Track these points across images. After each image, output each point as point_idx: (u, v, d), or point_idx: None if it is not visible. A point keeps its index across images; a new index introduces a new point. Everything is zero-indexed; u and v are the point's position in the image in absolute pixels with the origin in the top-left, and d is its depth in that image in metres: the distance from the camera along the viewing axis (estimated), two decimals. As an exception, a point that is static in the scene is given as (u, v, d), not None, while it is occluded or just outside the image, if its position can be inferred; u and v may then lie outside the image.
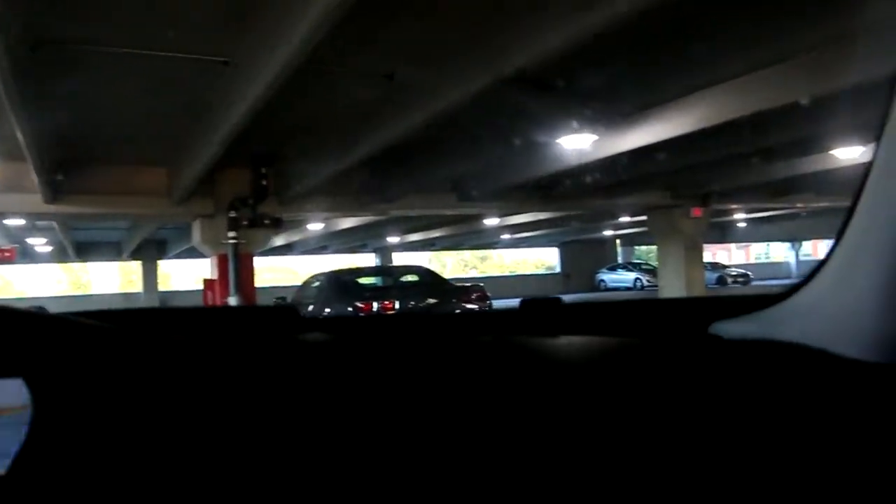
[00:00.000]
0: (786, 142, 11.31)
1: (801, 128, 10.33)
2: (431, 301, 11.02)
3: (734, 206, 20.50)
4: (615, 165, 11.59)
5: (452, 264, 41.69)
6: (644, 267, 32.48)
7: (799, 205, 20.58)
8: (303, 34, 5.21)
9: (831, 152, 12.80)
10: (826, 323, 0.87)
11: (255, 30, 6.17)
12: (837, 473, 0.66)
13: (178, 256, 27.41)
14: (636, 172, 13.12)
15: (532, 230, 25.77)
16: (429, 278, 13.23)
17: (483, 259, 42.75)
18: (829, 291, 0.88)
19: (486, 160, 11.76)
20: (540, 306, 1.26)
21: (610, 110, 8.40)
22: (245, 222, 13.31)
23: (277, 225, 13.80)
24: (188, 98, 8.48)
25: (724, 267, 33.54)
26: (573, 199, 15.69)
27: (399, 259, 32.20)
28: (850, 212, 0.84)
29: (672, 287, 17.35)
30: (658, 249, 19.54)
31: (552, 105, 8.38)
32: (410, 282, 13.42)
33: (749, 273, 31.93)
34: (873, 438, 0.69)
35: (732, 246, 42.72)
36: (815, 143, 11.91)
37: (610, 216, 22.38)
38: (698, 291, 17.35)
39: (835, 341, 0.83)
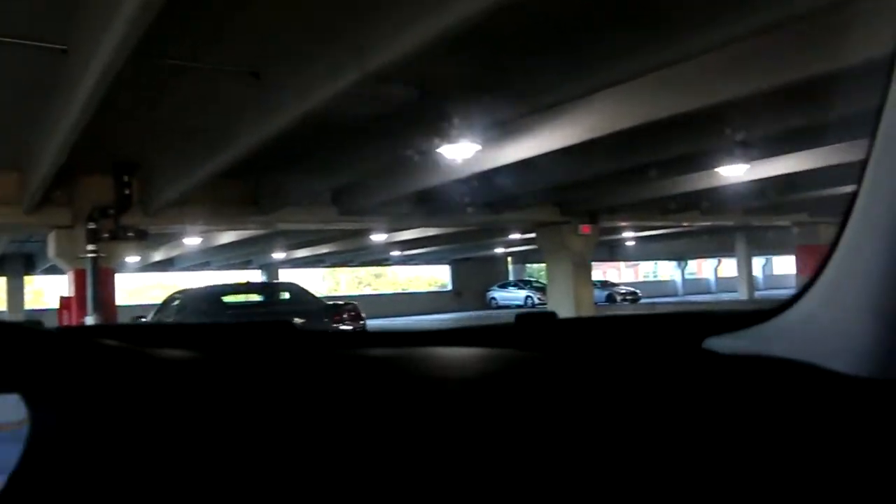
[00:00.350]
0: (672, 157, 11.16)
1: (688, 142, 10.20)
2: (300, 320, 10.45)
3: (623, 224, 20.55)
4: (500, 178, 11.19)
5: (346, 281, 40.96)
6: (535, 284, 32.50)
7: (685, 223, 20.80)
8: (128, 15, 4.55)
9: (717, 170, 12.78)
10: (818, 338, 0.88)
11: (86, 11, 5.47)
12: (830, 489, 0.67)
13: (48, 272, 25.72)
14: (523, 186, 12.79)
15: (422, 246, 25.32)
16: (301, 296, 12.75)
17: (377, 276, 42.15)
18: (820, 307, 0.89)
19: (364, 171, 11.17)
20: (535, 321, 1.28)
21: (489, 117, 7.93)
22: (106, 234, 12.31)
23: (142, 237, 12.83)
24: (30, 91, 7.66)
25: (614, 285, 34.05)
26: (458, 214, 15.25)
27: (286, 276, 31.17)
28: (842, 227, 0.84)
29: (561, 305, 17.12)
30: (547, 267, 19.38)
31: (428, 111, 7.88)
32: (280, 300, 12.95)
33: (638, 291, 32.45)
34: (866, 454, 0.70)
35: (622, 264, 43.41)
36: (703, 159, 11.84)
37: (500, 233, 22.13)
38: (587, 310, 17.25)
39: (827, 357, 0.84)
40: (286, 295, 13.08)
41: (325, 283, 37.88)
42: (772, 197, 17.01)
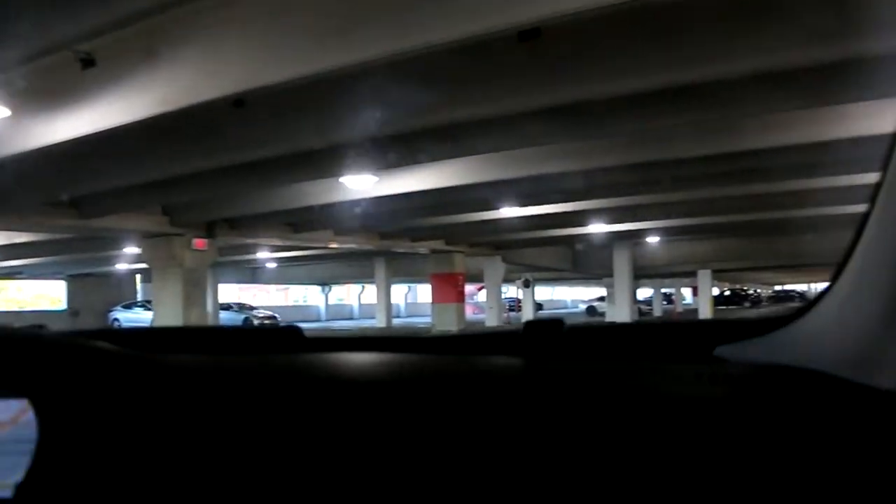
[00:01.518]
0: (289, 157, 9.53)
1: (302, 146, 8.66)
2: None
3: (252, 241, 18.62)
4: (64, 166, 8.74)
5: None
6: (164, 306, 29.47)
7: (320, 245, 19.51)
8: None
9: (342, 180, 11.44)
10: (831, 347, 0.88)
11: None
12: (837, 498, 0.68)
13: None
14: (108, 180, 10.40)
15: (30, 257, 21.48)
16: None
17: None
18: (834, 316, 0.90)
19: None
20: (543, 328, 1.28)
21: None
22: None
23: None
24: None
25: (252, 308, 32.35)
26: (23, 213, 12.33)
27: None
28: (857, 236, 0.86)
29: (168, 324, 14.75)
30: (154, 285, 16.80)
31: None
32: None
33: (277, 315, 30.91)
34: (878, 464, 0.70)
35: (273, 287, 42.58)
36: (328, 167, 10.43)
37: (115, 244, 19.15)
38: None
39: (838, 366, 0.84)
40: None
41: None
42: (401, 219, 16.28)
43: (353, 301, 45.16)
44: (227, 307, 31.12)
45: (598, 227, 19.03)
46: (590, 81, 6.57)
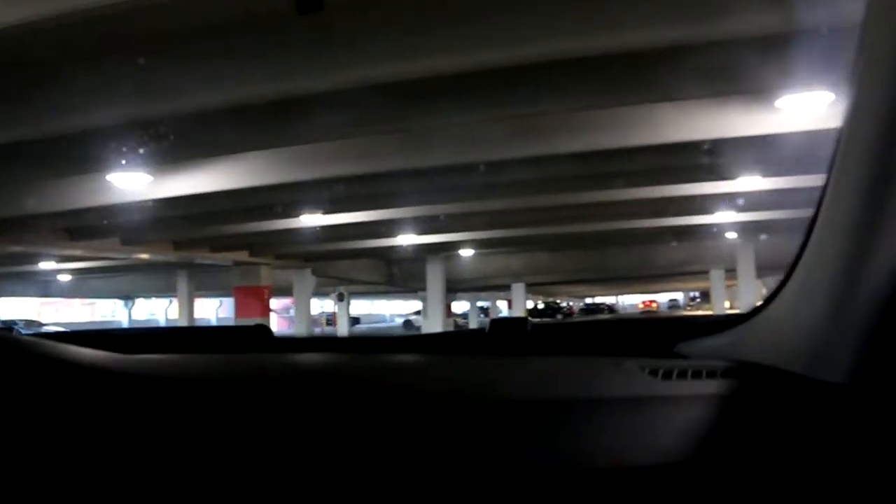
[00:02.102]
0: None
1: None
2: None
3: (20, 249, 16.44)
4: None
5: None
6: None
7: (102, 254, 17.63)
8: None
9: (108, 178, 9.98)
10: (784, 343, 0.92)
11: None
12: (791, 491, 0.71)
13: None
14: None
15: None
16: None
17: None
18: (787, 313, 0.94)
19: None
20: (508, 326, 1.34)
21: None
22: None
23: None
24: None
25: (41, 324, 29.41)
26: None
27: None
28: (806, 237, 0.89)
29: None
30: None
31: None
32: None
33: (66, 330, 28.08)
34: (828, 456, 0.74)
35: (78, 301, 40.51)
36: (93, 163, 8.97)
37: None
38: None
39: (792, 361, 0.88)
40: None
41: None
42: (192, 227, 14.83)
43: (159, 315, 42.63)
44: (6, 326, 28.00)
45: (408, 239, 18.37)
46: (375, 61, 5.70)
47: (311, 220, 14.79)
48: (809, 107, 7.08)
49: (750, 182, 12.04)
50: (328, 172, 9.93)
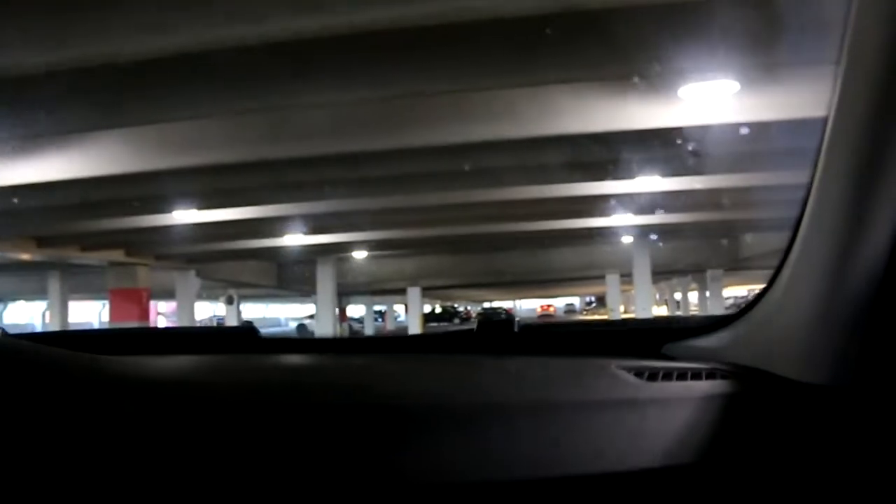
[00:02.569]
0: None
1: None
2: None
3: None
4: None
5: None
6: None
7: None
8: None
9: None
10: (771, 344, 0.92)
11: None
12: (780, 493, 0.73)
13: None
14: None
15: None
16: None
17: None
18: (773, 313, 0.94)
19: None
20: (496, 327, 1.32)
21: None
22: None
23: None
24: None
25: None
26: None
27: None
28: (792, 237, 0.88)
29: None
30: None
31: None
32: None
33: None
34: (813, 457, 0.75)
35: None
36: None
37: None
38: None
39: (780, 363, 0.88)
40: None
41: None
42: (53, 222, 13.52)
43: (37, 320, 40.39)
44: None
45: (295, 239, 17.47)
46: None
47: (187, 216, 13.74)
48: (714, 97, 6.64)
49: (648, 182, 11.68)
50: (195, 160, 8.98)
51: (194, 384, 0.87)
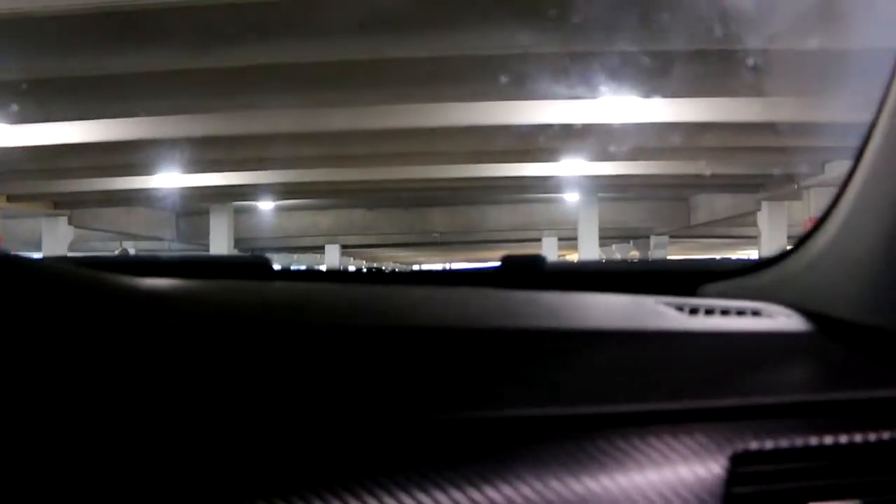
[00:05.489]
0: None
1: None
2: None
3: None
4: None
5: None
6: None
7: None
8: None
9: None
10: (822, 285, 0.89)
11: None
12: (835, 429, 0.67)
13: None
14: None
15: None
16: None
17: None
18: (826, 252, 0.90)
19: None
20: (522, 265, 1.28)
21: None
22: None
23: None
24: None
25: None
26: None
27: None
28: (853, 167, 0.84)
29: None
30: None
31: None
32: None
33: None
34: (872, 403, 0.71)
35: None
36: None
37: None
38: None
39: (832, 304, 0.84)
40: None
41: None
42: None
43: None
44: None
45: (177, 179, 14.52)
46: None
47: (33, 134, 10.69)
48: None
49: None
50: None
51: (217, 305, 0.82)
